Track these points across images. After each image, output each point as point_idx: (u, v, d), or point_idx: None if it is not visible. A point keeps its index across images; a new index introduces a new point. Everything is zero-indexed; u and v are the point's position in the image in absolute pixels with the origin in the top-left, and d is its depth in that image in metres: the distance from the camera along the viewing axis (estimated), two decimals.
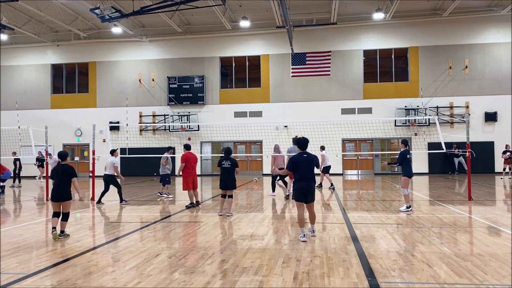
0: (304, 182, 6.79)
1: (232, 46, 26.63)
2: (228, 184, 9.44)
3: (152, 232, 7.91)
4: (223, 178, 9.48)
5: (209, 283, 4.69)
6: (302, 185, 6.80)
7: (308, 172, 6.82)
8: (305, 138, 7.09)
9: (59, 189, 7.23)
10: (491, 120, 24.09)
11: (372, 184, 18.70)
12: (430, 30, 24.78)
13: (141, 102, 27.04)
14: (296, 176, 6.87)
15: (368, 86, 25.46)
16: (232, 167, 9.44)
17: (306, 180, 6.79)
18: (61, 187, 7.23)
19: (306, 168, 6.82)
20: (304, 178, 6.79)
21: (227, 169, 9.42)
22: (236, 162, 9.52)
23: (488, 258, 5.56)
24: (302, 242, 6.64)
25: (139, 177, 24.84)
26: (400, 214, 9.45)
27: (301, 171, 6.80)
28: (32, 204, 13.20)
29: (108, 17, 19.38)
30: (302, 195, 6.83)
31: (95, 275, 5.08)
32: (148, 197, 14.28)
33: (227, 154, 9.53)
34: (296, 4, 22.69)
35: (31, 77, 28.45)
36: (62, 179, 7.24)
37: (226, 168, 9.43)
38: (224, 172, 9.44)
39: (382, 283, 4.60)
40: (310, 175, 6.84)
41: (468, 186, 12.03)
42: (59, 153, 7.52)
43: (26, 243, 6.98)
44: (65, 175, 7.24)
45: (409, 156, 9.40)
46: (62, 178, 7.23)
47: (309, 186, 6.80)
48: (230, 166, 9.42)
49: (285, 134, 24.54)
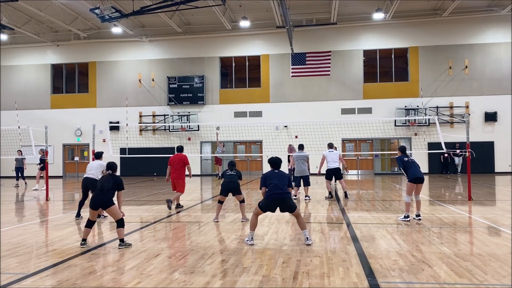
0: (276, 192, 6.58)
1: (232, 46, 26.63)
2: (233, 190, 8.89)
3: (152, 232, 7.91)
4: (226, 183, 8.90)
5: (209, 283, 4.69)
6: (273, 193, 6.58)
7: (281, 184, 6.64)
8: (277, 158, 7.08)
9: (103, 196, 6.65)
10: (491, 120, 24.10)
11: (372, 184, 18.70)
12: (430, 30, 24.78)
13: (141, 102, 27.04)
14: (269, 187, 6.69)
15: (368, 86, 25.47)
16: (236, 175, 9.01)
17: (278, 189, 6.59)
18: (105, 195, 6.67)
19: (279, 180, 6.67)
20: (276, 188, 6.61)
21: (231, 176, 8.95)
22: (241, 175, 9.14)
23: (488, 258, 5.56)
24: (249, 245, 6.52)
25: (139, 177, 24.85)
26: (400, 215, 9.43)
27: (274, 183, 6.64)
28: (32, 204, 13.20)
29: (108, 17, 19.38)
30: (271, 204, 6.62)
31: (95, 275, 5.08)
32: (148, 197, 14.28)
33: (232, 166, 9.12)
34: (296, 4, 22.69)
35: (31, 77, 28.45)
36: (109, 189, 6.71)
37: (230, 175, 8.96)
38: (228, 179, 8.95)
39: (382, 283, 4.60)
40: (283, 186, 6.65)
41: (468, 186, 12.03)
42: (109, 164, 7.08)
43: (26, 243, 6.98)
44: (113, 185, 6.78)
45: (407, 159, 8.71)
46: (109, 187, 6.71)
47: (281, 195, 6.58)
48: (235, 174, 8.99)
49: (285, 134, 24.55)
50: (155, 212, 10.53)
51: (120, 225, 6.65)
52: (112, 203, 6.68)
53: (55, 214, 10.58)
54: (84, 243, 6.63)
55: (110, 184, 6.74)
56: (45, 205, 12.56)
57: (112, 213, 6.70)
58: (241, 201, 9.11)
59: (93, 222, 6.81)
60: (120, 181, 6.91)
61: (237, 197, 9.07)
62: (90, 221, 6.77)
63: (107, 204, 6.64)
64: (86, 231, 6.74)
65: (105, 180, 6.82)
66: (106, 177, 6.89)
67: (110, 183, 6.76)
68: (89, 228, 6.74)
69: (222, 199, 9.00)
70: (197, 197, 13.98)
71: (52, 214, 10.63)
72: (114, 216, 6.70)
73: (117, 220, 6.69)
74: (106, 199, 6.64)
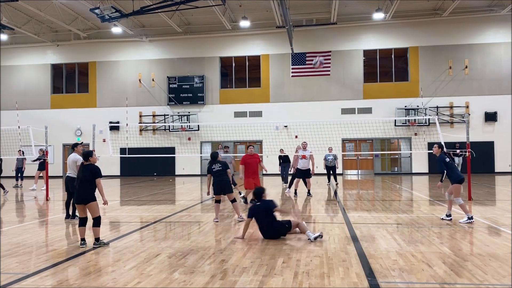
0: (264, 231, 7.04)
1: (232, 46, 26.62)
2: (224, 188, 8.81)
3: (152, 232, 7.91)
4: (216, 182, 8.82)
5: (209, 283, 4.69)
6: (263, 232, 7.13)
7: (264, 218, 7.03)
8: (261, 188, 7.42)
9: (81, 190, 6.59)
10: (491, 120, 24.09)
11: (372, 184, 18.70)
12: (430, 30, 24.77)
13: (141, 102, 27.04)
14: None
15: (368, 86, 25.46)
16: (223, 169, 8.87)
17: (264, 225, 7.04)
18: (84, 188, 6.58)
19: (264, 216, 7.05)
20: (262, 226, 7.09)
21: (219, 172, 8.85)
22: (226, 164, 8.99)
23: (488, 258, 5.56)
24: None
25: (139, 177, 24.86)
26: (400, 214, 9.45)
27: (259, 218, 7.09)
28: (32, 204, 13.20)
29: (108, 17, 19.37)
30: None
31: (95, 275, 5.08)
32: (148, 197, 14.28)
33: (214, 159, 9.01)
34: (296, 4, 22.69)
35: (31, 77, 28.45)
36: (84, 180, 6.60)
37: (218, 172, 8.86)
38: (217, 176, 8.87)
39: (382, 283, 4.60)
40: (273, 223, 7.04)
41: (468, 186, 12.03)
42: (83, 152, 6.91)
43: (26, 243, 6.98)
44: (88, 175, 6.61)
45: (449, 160, 8.62)
46: (85, 178, 6.60)
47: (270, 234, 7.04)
48: (221, 168, 8.87)
49: (285, 134, 24.55)
50: (155, 212, 10.53)
51: (96, 224, 6.58)
52: (91, 199, 6.59)
53: (55, 214, 10.59)
54: (83, 243, 6.58)
55: (87, 174, 6.64)
56: (45, 205, 12.56)
57: (91, 210, 6.60)
58: (232, 200, 8.93)
59: (85, 219, 6.71)
60: (95, 169, 6.71)
61: (228, 196, 8.93)
62: (81, 218, 6.70)
63: (86, 199, 6.58)
64: (81, 230, 6.69)
65: (81, 171, 6.72)
66: (81, 168, 6.77)
67: (86, 173, 6.65)
68: (83, 226, 6.69)
69: (218, 198, 8.94)
70: (197, 197, 13.98)
71: (52, 214, 10.63)
72: (92, 213, 6.61)
73: (94, 217, 6.59)
74: (85, 194, 6.57)
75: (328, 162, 16.91)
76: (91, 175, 6.63)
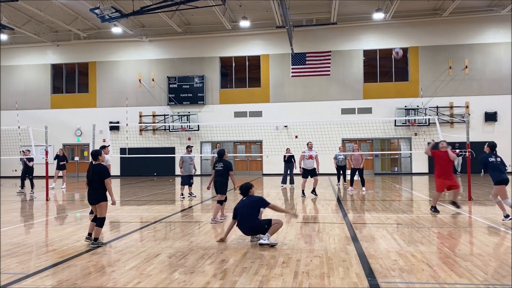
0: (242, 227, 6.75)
1: (232, 46, 26.63)
2: (218, 188, 8.80)
3: (152, 232, 7.91)
4: (215, 181, 8.85)
5: (209, 283, 4.69)
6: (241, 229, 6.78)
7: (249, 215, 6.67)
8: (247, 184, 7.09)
9: (92, 191, 6.73)
10: (491, 120, 24.09)
11: (372, 184, 18.69)
12: (430, 30, 24.78)
13: (141, 102, 27.04)
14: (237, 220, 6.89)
15: (368, 86, 25.47)
16: (224, 169, 8.78)
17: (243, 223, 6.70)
18: (94, 189, 6.71)
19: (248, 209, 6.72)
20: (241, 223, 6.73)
21: (220, 172, 8.83)
22: (229, 165, 8.87)
23: (488, 258, 5.56)
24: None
25: (139, 177, 24.86)
26: (400, 214, 9.44)
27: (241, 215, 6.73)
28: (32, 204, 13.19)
29: (108, 17, 19.37)
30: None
31: (95, 275, 5.08)
32: (148, 197, 14.28)
33: (220, 156, 8.96)
34: (296, 4, 22.69)
35: (31, 77, 28.45)
36: (93, 180, 6.70)
37: (218, 171, 8.85)
38: (217, 175, 8.87)
39: (382, 283, 4.60)
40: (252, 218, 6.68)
41: (468, 186, 12.04)
42: (91, 152, 6.93)
43: (26, 243, 6.98)
44: (96, 176, 6.68)
45: (492, 160, 8.28)
46: (93, 179, 6.68)
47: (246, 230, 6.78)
48: (222, 168, 8.82)
49: (285, 134, 24.55)
50: (155, 212, 10.53)
51: (100, 224, 6.68)
52: (102, 199, 6.70)
53: (55, 214, 10.58)
54: (89, 238, 6.72)
55: (94, 175, 6.71)
56: (45, 205, 12.56)
57: (100, 209, 6.71)
58: (218, 201, 8.79)
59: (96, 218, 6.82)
60: (101, 169, 6.75)
61: (219, 195, 8.84)
62: (95, 216, 6.82)
63: (97, 199, 6.71)
64: (91, 226, 6.82)
65: (90, 171, 6.79)
66: (89, 168, 6.83)
67: (95, 173, 6.72)
68: (95, 222, 6.79)
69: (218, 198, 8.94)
70: (197, 197, 13.97)
71: (52, 214, 10.63)
72: (99, 213, 6.71)
73: (99, 217, 6.70)
74: (96, 194, 6.70)
75: (338, 162, 16.89)
76: (99, 176, 6.72)
